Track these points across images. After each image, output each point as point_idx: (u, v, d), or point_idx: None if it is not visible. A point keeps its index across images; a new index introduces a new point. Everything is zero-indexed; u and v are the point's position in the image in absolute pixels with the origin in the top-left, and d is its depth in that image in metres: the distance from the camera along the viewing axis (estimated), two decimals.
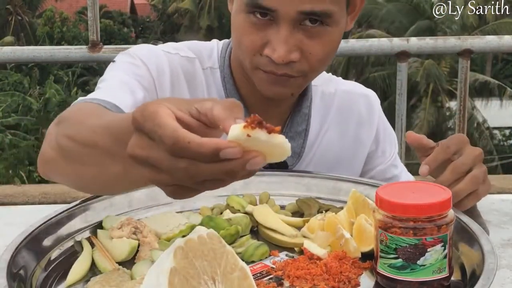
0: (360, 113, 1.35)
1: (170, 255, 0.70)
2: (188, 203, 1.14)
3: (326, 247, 0.96)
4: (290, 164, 1.26)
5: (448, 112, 16.63)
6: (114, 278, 0.89)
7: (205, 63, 1.28)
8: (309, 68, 1.13)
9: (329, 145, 1.32)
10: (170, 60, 1.24)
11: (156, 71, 1.22)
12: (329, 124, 1.33)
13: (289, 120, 1.28)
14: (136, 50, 1.24)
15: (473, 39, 2.32)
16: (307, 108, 1.29)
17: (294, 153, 1.26)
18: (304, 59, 1.12)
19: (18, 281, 0.85)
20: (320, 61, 1.14)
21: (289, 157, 1.21)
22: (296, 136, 1.27)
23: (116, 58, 1.25)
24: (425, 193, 0.86)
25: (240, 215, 1.06)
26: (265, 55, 1.11)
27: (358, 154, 1.35)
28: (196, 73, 1.26)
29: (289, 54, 1.09)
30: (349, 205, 1.02)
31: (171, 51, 1.26)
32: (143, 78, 1.20)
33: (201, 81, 1.26)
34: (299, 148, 1.28)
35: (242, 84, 1.25)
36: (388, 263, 0.85)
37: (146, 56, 1.23)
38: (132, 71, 1.21)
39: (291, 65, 1.11)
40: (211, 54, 1.29)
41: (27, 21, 23.98)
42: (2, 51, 2.22)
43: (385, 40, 2.29)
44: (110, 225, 1.03)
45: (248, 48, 1.12)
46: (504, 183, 2.44)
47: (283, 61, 1.09)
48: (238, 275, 0.74)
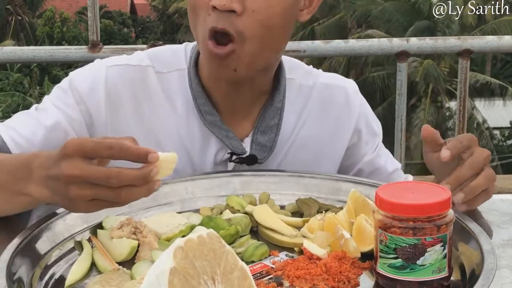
0: (339, 105, 1.35)
1: (170, 255, 0.70)
2: (188, 203, 1.14)
3: (326, 247, 0.96)
4: (261, 157, 1.26)
5: (448, 112, 16.62)
6: (114, 278, 0.89)
7: (165, 67, 1.29)
8: (249, 30, 1.13)
9: (307, 139, 1.32)
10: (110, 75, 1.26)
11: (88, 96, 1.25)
12: (307, 117, 1.33)
13: (261, 114, 1.28)
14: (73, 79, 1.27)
15: (473, 39, 2.32)
16: (279, 102, 1.29)
17: (265, 147, 1.27)
18: (247, 16, 1.13)
19: (17, 281, 0.85)
20: (261, 23, 1.14)
21: (260, 151, 1.25)
22: (267, 130, 1.27)
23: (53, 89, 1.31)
24: (425, 193, 0.86)
25: (240, 215, 1.06)
26: (211, 6, 1.12)
27: (337, 147, 1.35)
28: (147, 80, 1.28)
29: (231, 1, 1.11)
30: (349, 205, 1.02)
31: (119, 62, 1.29)
32: (69, 107, 1.24)
33: (154, 86, 1.27)
34: (271, 142, 1.28)
35: (207, 80, 1.26)
36: (387, 263, 0.85)
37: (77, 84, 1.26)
38: (59, 99, 1.25)
39: (232, 20, 1.12)
40: (178, 56, 1.31)
41: (27, 21, 23.98)
42: (2, 51, 2.22)
43: (385, 40, 2.29)
44: (110, 225, 1.03)
45: (200, 5, 1.14)
46: (504, 183, 2.44)
47: (224, 5, 1.11)
48: (238, 275, 0.74)
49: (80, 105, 1.24)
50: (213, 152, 1.26)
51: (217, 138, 1.25)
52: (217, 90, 1.26)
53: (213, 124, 1.25)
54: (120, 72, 1.27)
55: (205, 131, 1.26)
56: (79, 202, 0.89)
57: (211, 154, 1.26)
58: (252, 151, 1.25)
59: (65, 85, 1.26)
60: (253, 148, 1.26)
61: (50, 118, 1.22)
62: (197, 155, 1.27)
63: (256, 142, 1.26)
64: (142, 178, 0.87)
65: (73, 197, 0.88)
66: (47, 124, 1.21)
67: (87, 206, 0.90)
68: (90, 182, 0.87)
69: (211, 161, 1.26)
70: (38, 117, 1.23)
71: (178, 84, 1.28)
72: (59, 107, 1.24)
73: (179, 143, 1.26)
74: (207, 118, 1.25)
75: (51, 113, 1.23)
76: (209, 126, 1.25)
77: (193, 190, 1.16)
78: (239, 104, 1.27)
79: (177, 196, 1.15)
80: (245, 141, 1.27)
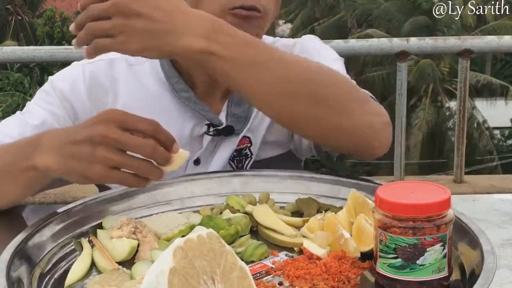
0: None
1: (169, 255, 0.70)
2: (188, 203, 1.14)
3: (326, 247, 0.96)
4: (238, 128, 1.31)
5: (448, 112, 16.62)
6: (114, 278, 0.89)
7: (137, 59, 1.32)
8: (270, 4, 1.21)
9: None
10: (87, 71, 1.32)
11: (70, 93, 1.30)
12: None
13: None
14: (53, 81, 1.33)
15: (473, 39, 2.32)
16: None
17: (241, 118, 1.31)
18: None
19: (17, 281, 0.85)
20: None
21: (236, 122, 1.30)
22: (241, 101, 1.31)
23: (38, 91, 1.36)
24: (425, 193, 0.86)
25: (240, 215, 1.06)
26: None
27: None
28: (121, 71, 1.33)
29: None
30: (349, 205, 1.02)
31: (94, 60, 1.31)
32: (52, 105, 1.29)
33: (126, 75, 1.33)
34: (245, 113, 1.32)
35: (184, 62, 1.30)
36: (387, 262, 0.85)
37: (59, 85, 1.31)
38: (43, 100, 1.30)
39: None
40: None
41: (27, 21, 23.98)
42: (2, 51, 2.22)
43: (385, 40, 2.30)
44: (110, 225, 1.03)
45: None
46: (504, 183, 2.44)
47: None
48: (238, 275, 0.74)
49: (63, 103, 1.29)
50: (189, 126, 1.30)
51: (193, 111, 1.29)
52: (198, 70, 1.29)
53: (189, 100, 1.29)
54: (95, 67, 1.34)
55: (181, 107, 1.30)
56: (99, 166, 0.93)
57: (188, 128, 1.30)
58: (228, 123, 1.30)
59: (47, 88, 1.32)
60: (228, 120, 1.30)
61: (36, 118, 1.26)
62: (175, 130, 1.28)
63: (231, 114, 1.31)
64: (167, 159, 0.95)
65: (98, 158, 0.93)
66: (33, 123, 1.25)
67: (104, 172, 0.94)
68: (120, 148, 0.93)
69: (187, 134, 1.30)
70: (24, 119, 1.27)
71: (150, 68, 1.33)
72: (44, 107, 1.29)
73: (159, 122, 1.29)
74: (182, 95, 1.29)
75: (36, 113, 1.27)
76: (185, 101, 1.29)
77: (192, 190, 1.16)
78: (215, 84, 1.30)
79: (177, 196, 1.15)
80: (220, 115, 1.31)
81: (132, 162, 0.94)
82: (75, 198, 1.92)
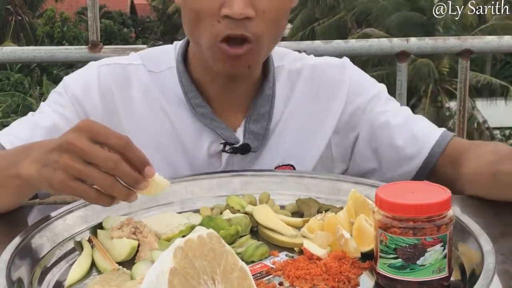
0: (329, 83, 1.35)
1: (169, 255, 0.70)
2: (188, 203, 1.14)
3: (326, 247, 0.96)
4: (254, 146, 1.28)
5: (448, 112, 16.62)
6: (114, 278, 0.89)
7: (157, 67, 1.32)
8: (262, 30, 1.17)
9: (295, 121, 1.33)
10: (102, 73, 1.30)
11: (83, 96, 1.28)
12: (295, 100, 1.34)
13: (252, 103, 1.30)
14: (67, 82, 1.31)
15: (473, 39, 2.31)
16: (270, 89, 1.31)
17: (258, 135, 1.28)
18: (259, 18, 1.16)
19: (17, 281, 0.85)
20: (273, 22, 1.18)
21: (253, 140, 1.27)
22: (259, 118, 1.29)
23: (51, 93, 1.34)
24: (425, 193, 0.86)
25: (240, 215, 1.06)
26: (223, 15, 1.14)
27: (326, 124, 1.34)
28: (139, 78, 1.31)
29: (245, 8, 1.14)
30: (349, 205, 1.02)
31: (111, 62, 1.34)
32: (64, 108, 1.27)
33: (146, 84, 1.30)
34: (263, 130, 1.29)
35: (199, 75, 1.29)
36: (387, 263, 0.85)
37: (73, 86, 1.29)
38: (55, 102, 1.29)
39: (247, 25, 1.15)
40: (168, 55, 1.33)
41: (27, 21, 23.98)
42: (2, 51, 2.22)
43: (385, 40, 2.29)
44: (110, 225, 1.03)
45: (207, 14, 1.16)
46: None
47: (241, 14, 1.13)
48: (238, 275, 0.74)
49: (75, 106, 1.27)
50: (206, 144, 1.28)
51: (210, 129, 1.27)
52: (212, 84, 1.28)
53: (205, 116, 1.27)
54: (112, 70, 1.31)
55: (198, 124, 1.28)
56: (61, 173, 0.89)
57: (205, 147, 1.28)
58: (245, 140, 1.27)
59: (60, 89, 1.30)
60: (246, 137, 1.28)
61: (46, 120, 1.25)
62: (191, 148, 1.28)
63: (249, 131, 1.28)
64: (133, 178, 0.88)
65: (60, 164, 0.89)
66: (44, 125, 1.24)
67: (65, 181, 0.89)
68: (85, 159, 0.88)
69: (204, 153, 1.28)
70: (35, 120, 1.26)
71: (169, 81, 1.30)
72: (55, 109, 1.27)
73: (172, 137, 1.28)
74: (198, 110, 1.27)
75: (48, 115, 1.26)
76: (201, 118, 1.27)
77: (193, 190, 1.16)
78: (232, 96, 1.29)
79: (177, 196, 1.14)
80: (237, 131, 1.29)
81: (94, 173, 0.88)
82: (75, 198, 1.92)
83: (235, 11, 1.13)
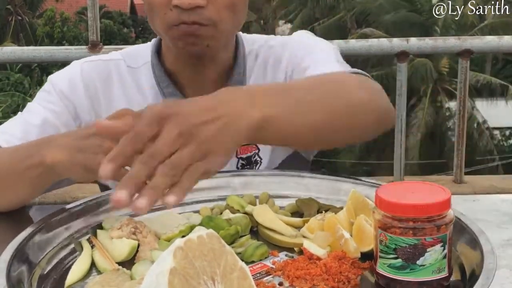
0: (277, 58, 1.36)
1: (169, 256, 0.70)
2: (188, 204, 1.14)
3: (326, 247, 0.96)
4: None
5: (448, 112, 16.61)
6: (114, 278, 0.89)
7: (136, 62, 1.36)
8: (218, 15, 1.18)
9: None
10: (85, 69, 1.35)
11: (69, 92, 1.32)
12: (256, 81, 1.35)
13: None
14: (53, 80, 1.34)
15: (473, 39, 2.32)
16: (239, 74, 1.33)
17: None
18: (211, 5, 1.17)
19: (17, 281, 0.85)
20: (227, 8, 1.19)
21: None
22: None
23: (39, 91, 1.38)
24: (425, 193, 0.86)
25: (240, 215, 1.06)
26: (173, 5, 1.16)
27: None
28: (119, 72, 1.35)
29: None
30: (349, 205, 1.02)
31: (93, 59, 1.39)
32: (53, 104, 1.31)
33: (125, 79, 1.35)
34: None
35: (171, 65, 1.32)
36: (387, 263, 0.85)
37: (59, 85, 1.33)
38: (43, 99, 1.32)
39: (199, 12, 1.16)
40: (146, 50, 1.37)
41: (27, 21, 23.97)
42: (2, 51, 2.22)
43: (385, 40, 2.30)
44: (110, 225, 1.03)
45: (159, 3, 1.18)
46: (504, 183, 2.44)
47: (189, 4, 1.15)
48: (238, 275, 0.74)
49: (64, 101, 1.31)
50: None
51: None
52: (182, 73, 1.31)
53: None
54: (94, 66, 1.36)
55: None
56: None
57: None
58: None
59: (48, 87, 1.34)
60: None
61: (37, 117, 1.28)
62: None
63: None
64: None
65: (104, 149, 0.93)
66: (36, 123, 1.27)
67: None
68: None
69: None
70: (26, 118, 1.28)
71: (145, 75, 1.34)
72: (44, 106, 1.30)
73: None
74: (171, 99, 1.29)
75: (38, 112, 1.29)
76: None
77: (193, 190, 1.16)
78: (204, 82, 1.31)
79: None
80: None
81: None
82: (75, 198, 1.92)
83: (183, 1, 1.15)
